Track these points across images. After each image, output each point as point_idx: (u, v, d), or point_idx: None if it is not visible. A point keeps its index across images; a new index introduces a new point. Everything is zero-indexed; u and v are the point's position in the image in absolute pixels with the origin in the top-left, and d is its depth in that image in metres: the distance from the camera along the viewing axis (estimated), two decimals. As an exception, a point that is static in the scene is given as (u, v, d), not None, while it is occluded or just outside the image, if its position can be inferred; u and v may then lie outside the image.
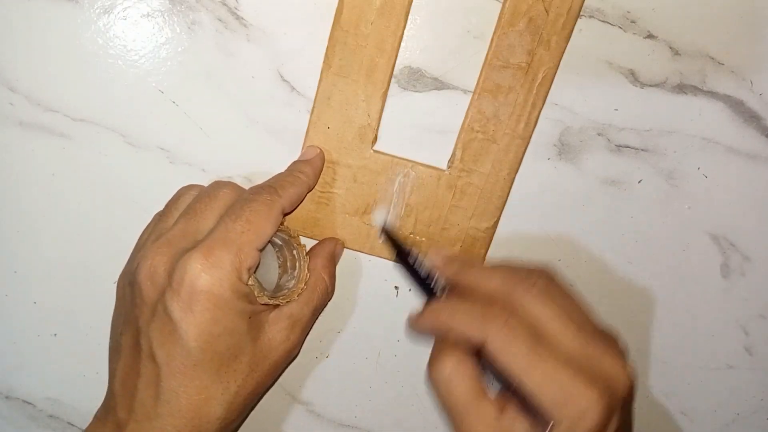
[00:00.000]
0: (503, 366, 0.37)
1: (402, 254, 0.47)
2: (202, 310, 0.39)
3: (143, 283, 0.41)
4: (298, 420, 0.55)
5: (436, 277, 0.45)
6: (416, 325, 0.43)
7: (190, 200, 0.44)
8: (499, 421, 0.38)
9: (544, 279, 0.40)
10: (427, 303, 0.43)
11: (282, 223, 0.44)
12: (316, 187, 0.48)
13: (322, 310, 0.48)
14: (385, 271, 0.52)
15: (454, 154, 0.48)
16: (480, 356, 0.39)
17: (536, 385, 0.37)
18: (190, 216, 0.43)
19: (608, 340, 0.39)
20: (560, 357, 0.37)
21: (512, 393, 0.38)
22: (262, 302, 0.42)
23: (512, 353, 0.37)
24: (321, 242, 0.49)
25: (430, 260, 0.46)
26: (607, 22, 0.47)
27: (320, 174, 0.48)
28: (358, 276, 0.52)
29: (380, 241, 0.50)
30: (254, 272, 0.41)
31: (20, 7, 0.46)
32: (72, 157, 0.49)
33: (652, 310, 0.53)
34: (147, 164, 0.49)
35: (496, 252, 0.51)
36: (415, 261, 0.46)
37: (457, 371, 0.39)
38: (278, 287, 0.46)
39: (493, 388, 0.39)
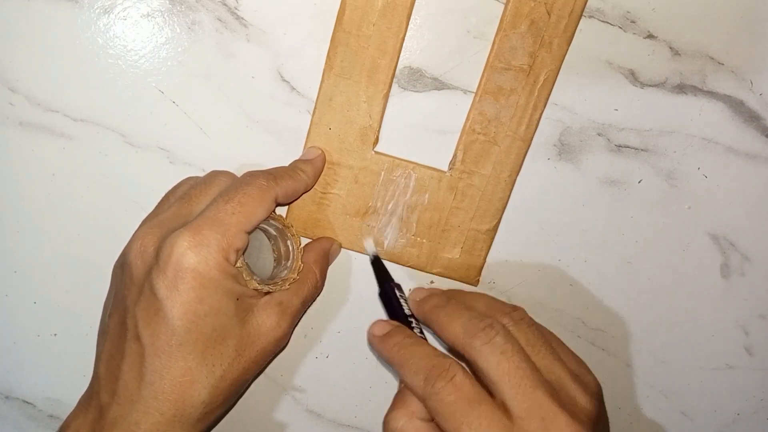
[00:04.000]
0: (438, 421, 0.38)
1: (386, 285, 0.48)
2: (187, 289, 0.38)
3: (133, 262, 0.41)
4: (298, 419, 0.55)
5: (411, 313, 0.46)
6: (374, 343, 0.44)
7: (187, 188, 0.44)
8: None
9: (505, 325, 0.41)
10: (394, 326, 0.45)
11: (275, 212, 0.45)
12: (317, 187, 0.48)
13: (311, 303, 0.48)
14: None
15: (455, 156, 0.48)
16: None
17: (512, 396, 0.37)
18: (184, 200, 0.43)
19: (580, 367, 0.41)
20: (536, 376, 0.38)
21: None
22: (252, 287, 0.42)
23: (444, 412, 0.38)
24: (318, 239, 0.50)
25: (412, 296, 0.47)
26: (607, 22, 0.47)
27: (320, 175, 0.48)
28: (358, 276, 0.52)
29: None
30: (244, 257, 0.41)
31: (20, 7, 0.46)
32: (72, 157, 0.49)
33: (652, 310, 0.53)
34: (147, 164, 0.49)
35: (496, 253, 0.51)
36: (396, 294, 0.47)
37: (407, 429, 0.39)
38: (271, 277, 0.46)
39: None
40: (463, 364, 0.40)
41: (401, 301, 0.46)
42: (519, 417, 0.37)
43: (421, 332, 0.45)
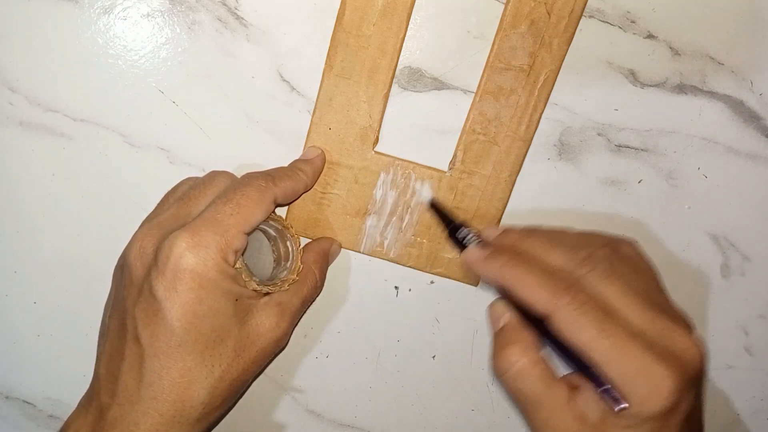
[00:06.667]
0: (570, 339, 0.37)
1: (453, 227, 0.45)
2: (186, 290, 0.39)
3: (132, 263, 0.41)
4: (298, 420, 0.55)
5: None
6: (481, 266, 0.41)
7: (186, 189, 0.44)
8: (571, 404, 0.38)
9: (607, 257, 0.39)
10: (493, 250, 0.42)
11: (275, 213, 0.45)
12: (317, 187, 0.48)
13: (311, 303, 0.48)
14: (386, 271, 0.52)
15: (455, 156, 0.48)
16: (539, 326, 0.39)
17: (605, 358, 0.36)
18: (183, 201, 0.43)
19: (677, 316, 0.38)
20: (629, 331, 0.36)
21: (578, 368, 0.38)
22: (251, 288, 0.42)
23: (580, 326, 0.36)
24: (317, 239, 0.50)
25: (486, 234, 0.44)
26: (607, 22, 0.47)
27: (319, 175, 0.48)
28: (358, 276, 0.52)
29: (429, 215, 0.49)
30: (243, 258, 0.41)
31: (20, 7, 0.46)
32: (72, 157, 0.49)
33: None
34: (147, 164, 0.49)
35: (496, 252, 0.51)
36: (466, 233, 0.44)
37: (525, 364, 0.38)
38: (271, 278, 0.46)
39: (555, 360, 0.39)
40: None
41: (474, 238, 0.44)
42: (642, 331, 0.36)
43: None
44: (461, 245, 0.44)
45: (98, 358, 0.43)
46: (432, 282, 0.52)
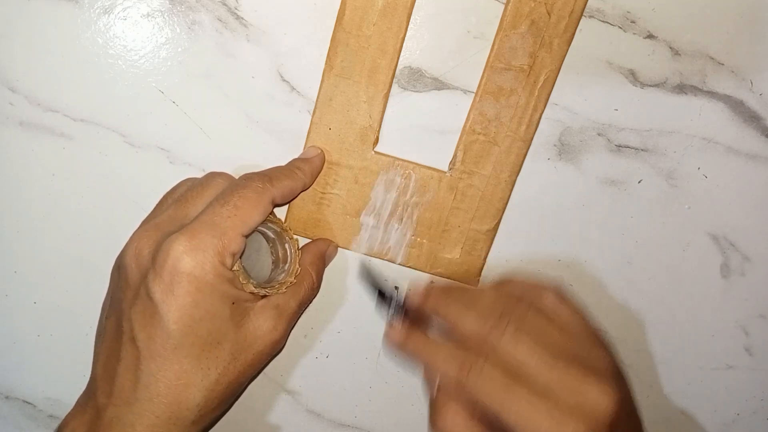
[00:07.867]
0: (485, 407, 0.39)
1: (381, 292, 0.48)
2: (183, 293, 0.39)
3: (129, 265, 0.41)
4: (298, 420, 0.55)
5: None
6: (400, 347, 0.44)
7: (184, 190, 0.44)
8: None
9: (518, 315, 0.41)
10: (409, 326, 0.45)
11: (274, 215, 0.45)
12: (317, 187, 0.48)
13: (308, 305, 0.48)
14: (386, 271, 0.52)
15: (455, 156, 0.48)
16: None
17: (516, 422, 0.38)
18: (181, 203, 0.43)
19: (589, 364, 0.40)
20: (536, 392, 0.38)
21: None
22: (248, 290, 0.42)
23: (489, 394, 0.38)
24: (314, 241, 0.50)
25: (410, 301, 0.47)
26: (607, 22, 0.47)
27: (318, 174, 0.48)
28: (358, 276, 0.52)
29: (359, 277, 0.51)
30: (241, 260, 0.41)
31: (20, 7, 0.46)
32: (72, 157, 0.49)
33: (652, 310, 0.53)
34: (147, 164, 0.49)
35: (495, 252, 0.51)
36: (388, 308, 0.47)
37: (457, 429, 0.40)
38: (269, 281, 0.46)
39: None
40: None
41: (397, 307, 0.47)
42: (551, 388, 0.38)
43: None
44: (386, 316, 0.47)
45: (95, 359, 0.43)
46: (432, 282, 0.52)
